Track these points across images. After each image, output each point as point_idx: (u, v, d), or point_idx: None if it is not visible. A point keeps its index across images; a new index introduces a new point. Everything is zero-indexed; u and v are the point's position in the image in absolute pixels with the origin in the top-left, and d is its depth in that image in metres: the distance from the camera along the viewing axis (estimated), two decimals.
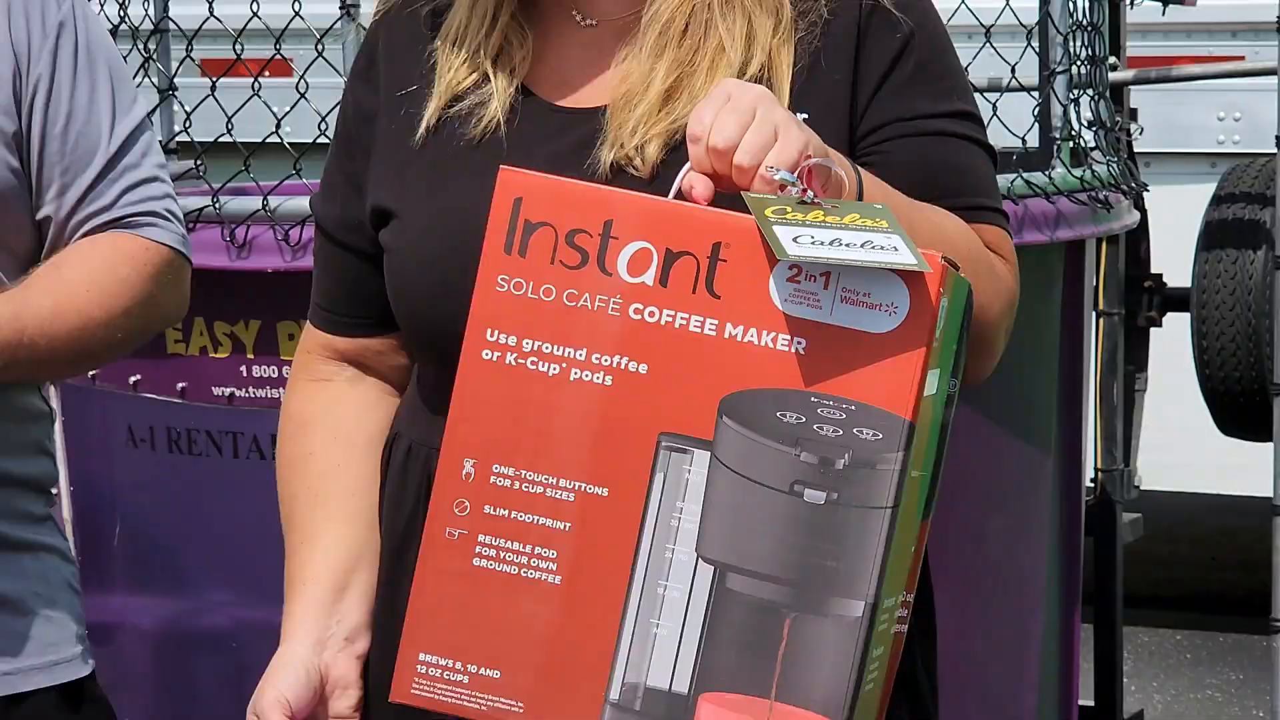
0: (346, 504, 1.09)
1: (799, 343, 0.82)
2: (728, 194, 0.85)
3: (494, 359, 0.87)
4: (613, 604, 0.86)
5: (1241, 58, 3.67)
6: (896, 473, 0.80)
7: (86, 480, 2.22)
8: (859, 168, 0.91)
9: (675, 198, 0.86)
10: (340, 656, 1.04)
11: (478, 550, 0.87)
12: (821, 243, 0.78)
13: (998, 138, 1.43)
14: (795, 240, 0.77)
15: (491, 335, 0.87)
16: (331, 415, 1.10)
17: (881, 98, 0.99)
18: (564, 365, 0.87)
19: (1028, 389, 2.30)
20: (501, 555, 0.88)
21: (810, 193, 0.81)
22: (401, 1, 1.08)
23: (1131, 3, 2.81)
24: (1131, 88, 2.92)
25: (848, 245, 0.79)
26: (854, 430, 0.82)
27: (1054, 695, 2.46)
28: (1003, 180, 1.85)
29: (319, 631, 1.04)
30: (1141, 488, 3.03)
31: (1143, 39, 3.37)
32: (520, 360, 0.87)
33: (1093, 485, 2.74)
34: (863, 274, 0.79)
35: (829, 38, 0.98)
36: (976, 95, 1.18)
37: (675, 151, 0.95)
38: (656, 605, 0.86)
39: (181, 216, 1.39)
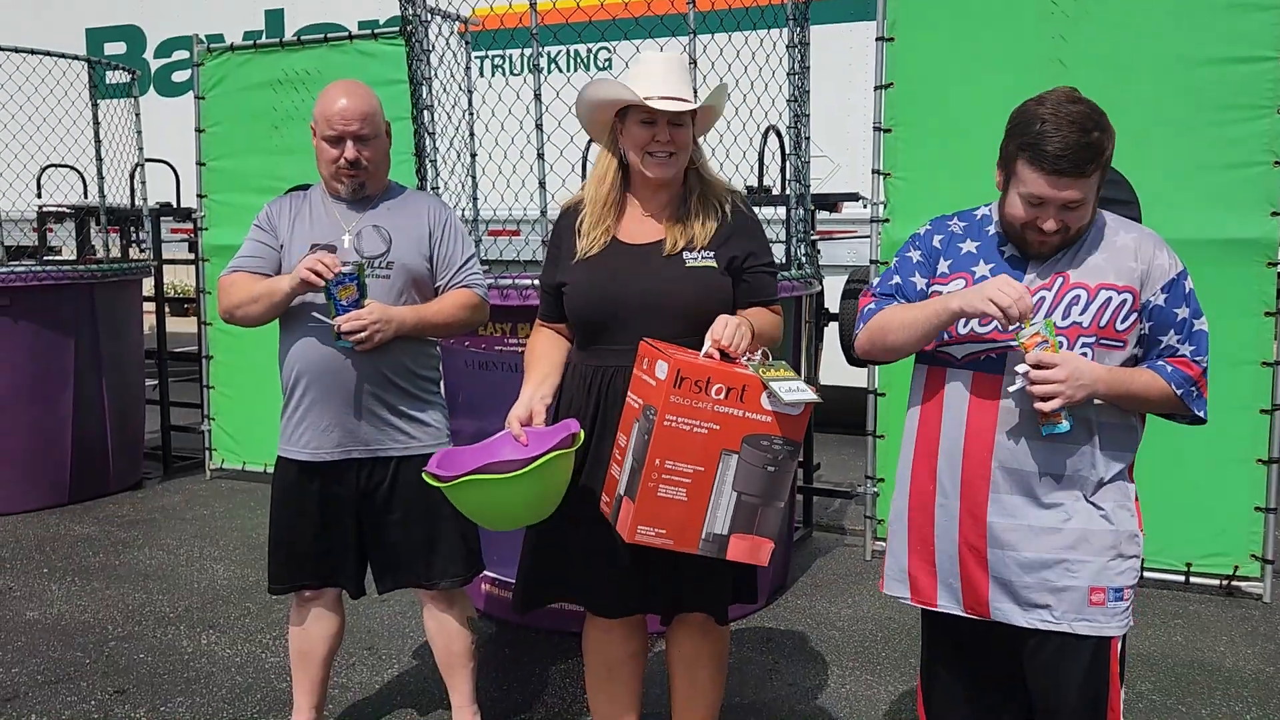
0: (545, 362, 2.26)
1: (769, 418, 1.87)
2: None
3: (670, 425, 1.84)
4: (703, 506, 1.89)
5: (854, 231, 5.99)
6: (798, 457, 1.92)
7: (450, 380, 3.71)
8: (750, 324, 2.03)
9: (705, 355, 1.91)
10: (539, 402, 2.16)
11: (659, 490, 1.87)
12: (791, 390, 1.86)
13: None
14: (784, 392, 1.83)
15: (668, 418, 1.82)
16: (544, 338, 2.31)
17: (751, 256, 2.22)
18: (692, 427, 1.83)
19: (781, 351, 2.87)
20: (665, 491, 1.87)
21: (758, 358, 1.93)
22: (568, 210, 2.26)
23: (816, 212, 4.74)
24: (819, 241, 4.87)
25: (795, 390, 1.85)
26: (785, 447, 1.91)
27: None
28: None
29: (533, 391, 2.18)
30: (820, 382, 5.10)
31: (822, 223, 5.38)
32: (677, 425, 1.84)
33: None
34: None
35: (732, 223, 2.20)
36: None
37: (682, 251, 2.09)
38: (719, 505, 1.90)
39: (486, 286, 2.70)
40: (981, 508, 1.96)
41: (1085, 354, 1.92)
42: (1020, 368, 1.89)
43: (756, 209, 3.90)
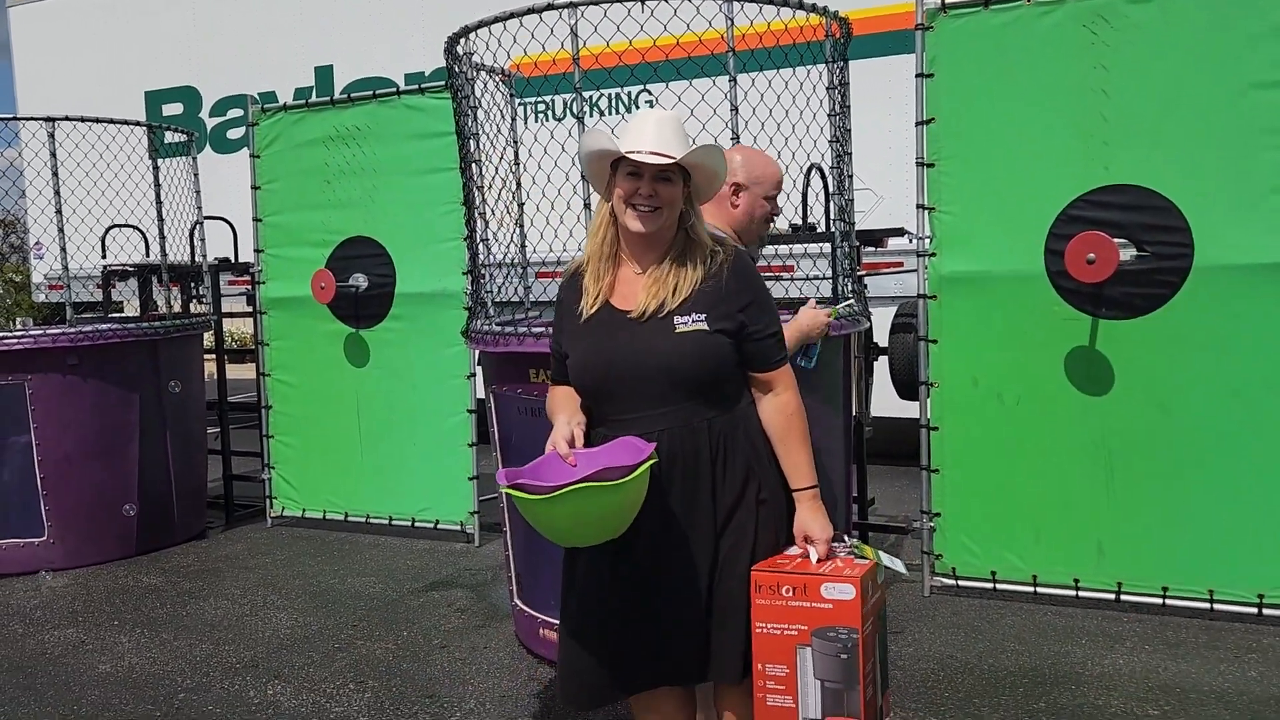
0: (566, 406, 2.25)
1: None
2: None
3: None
4: (793, 702, 2.09)
5: (901, 264, 6.10)
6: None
7: (503, 426, 3.99)
8: (802, 490, 2.20)
9: (817, 560, 2.14)
10: (577, 427, 2.17)
11: (767, 698, 2.10)
12: (893, 561, 2.30)
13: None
14: (890, 563, 2.28)
15: (761, 624, 2.11)
16: (562, 391, 2.31)
17: (749, 318, 2.16)
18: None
19: (832, 385, 3.87)
20: (770, 699, 2.10)
21: (850, 542, 2.23)
22: (568, 279, 2.27)
23: (860, 248, 4.52)
24: (865, 276, 4.70)
25: (892, 560, 2.30)
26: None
27: (845, 491, 4.22)
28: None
29: (569, 418, 2.19)
30: (871, 415, 5.02)
31: (867, 256, 5.47)
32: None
33: (855, 416, 4.62)
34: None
35: (720, 277, 2.15)
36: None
37: (667, 311, 2.12)
38: (808, 693, 2.09)
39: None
40: None
41: None
42: None
43: (802, 246, 3.98)
